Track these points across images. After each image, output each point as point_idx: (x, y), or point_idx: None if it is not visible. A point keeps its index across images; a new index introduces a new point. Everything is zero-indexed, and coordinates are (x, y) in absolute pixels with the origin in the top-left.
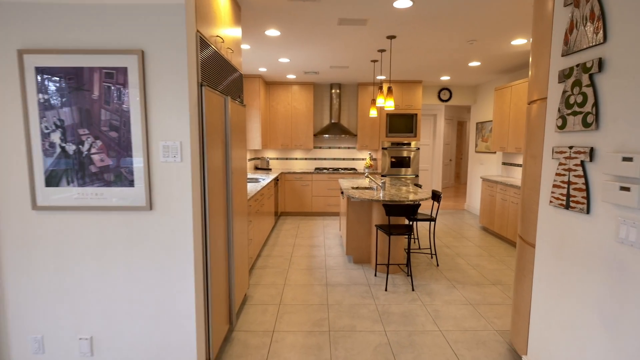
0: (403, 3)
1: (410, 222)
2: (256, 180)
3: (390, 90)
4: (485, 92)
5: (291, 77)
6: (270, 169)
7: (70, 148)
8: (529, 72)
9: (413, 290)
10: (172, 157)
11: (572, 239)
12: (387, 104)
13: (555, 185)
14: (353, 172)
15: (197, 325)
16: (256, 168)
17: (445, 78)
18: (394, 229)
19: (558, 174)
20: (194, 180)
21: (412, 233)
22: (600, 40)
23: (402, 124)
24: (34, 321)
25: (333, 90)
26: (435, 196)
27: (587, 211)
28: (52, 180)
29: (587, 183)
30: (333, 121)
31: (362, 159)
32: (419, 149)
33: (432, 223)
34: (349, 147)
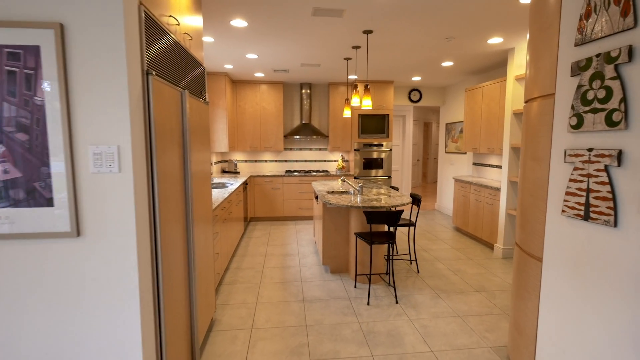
0: None
1: (391, 229)
2: (223, 186)
3: (367, 88)
4: (455, 93)
5: (260, 75)
6: (238, 172)
7: None
8: (498, 73)
9: (397, 302)
10: (107, 166)
11: (593, 254)
12: (364, 102)
13: (569, 193)
14: (325, 174)
15: None
16: (223, 171)
17: (416, 79)
18: (375, 237)
19: (573, 180)
20: (138, 193)
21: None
22: (630, 24)
23: (374, 124)
24: None
25: (303, 90)
26: (415, 200)
27: (615, 224)
28: None
29: (613, 191)
30: (304, 122)
31: (334, 161)
32: (391, 150)
33: (412, 228)
34: (320, 149)
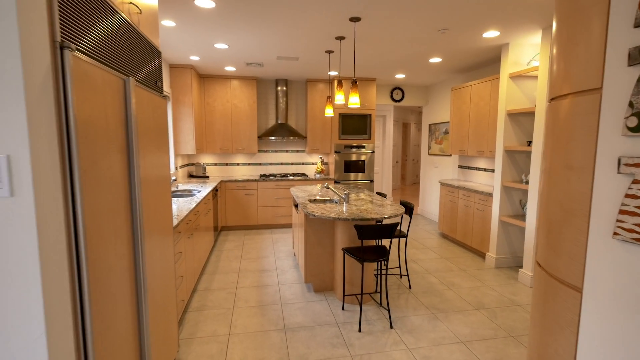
0: None
1: (381, 242)
2: (189, 193)
3: (355, 84)
4: (438, 93)
5: (230, 69)
6: (207, 177)
7: None
8: (486, 71)
9: (392, 327)
10: None
11: None
12: (352, 100)
13: (625, 212)
14: (303, 178)
15: None
16: (190, 176)
17: (400, 76)
18: (368, 254)
19: (632, 196)
20: (45, 223)
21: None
22: None
23: (356, 125)
24: None
25: (279, 87)
26: (407, 208)
27: None
28: None
29: None
30: (279, 122)
31: (313, 164)
32: (373, 152)
33: (403, 239)
34: (297, 151)
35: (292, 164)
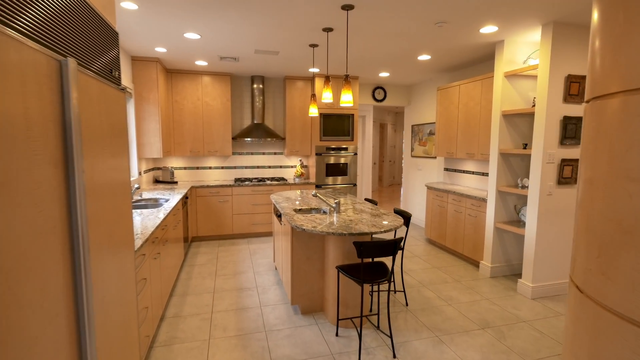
0: None
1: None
2: (156, 203)
3: (347, 80)
4: (421, 93)
5: (202, 64)
6: (176, 182)
7: None
8: (474, 70)
9: (395, 357)
10: None
11: None
12: (345, 98)
13: None
14: (282, 182)
15: None
16: (157, 181)
17: (384, 75)
18: (368, 273)
19: None
20: None
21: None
22: None
23: (338, 125)
24: None
25: (255, 85)
26: (405, 219)
27: None
28: None
29: None
30: (256, 122)
31: (292, 167)
32: (355, 154)
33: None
34: (275, 153)
35: (270, 167)
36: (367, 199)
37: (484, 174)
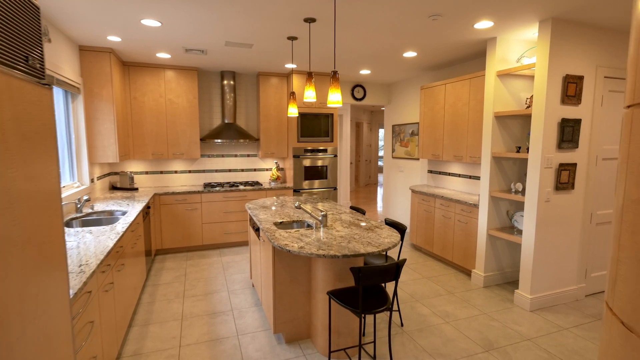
0: None
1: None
2: (110, 216)
3: (336, 77)
4: (402, 92)
5: (164, 56)
6: (136, 189)
7: None
8: (459, 69)
9: None
10: None
11: None
12: (333, 97)
13: None
14: (257, 187)
15: None
16: (114, 188)
17: (365, 72)
18: (368, 301)
19: None
20: None
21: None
22: None
23: (317, 126)
24: None
25: (225, 81)
26: (401, 231)
27: None
28: None
29: None
30: (227, 121)
31: (267, 170)
32: (336, 156)
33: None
34: (248, 155)
35: (243, 170)
36: (353, 207)
37: (471, 177)
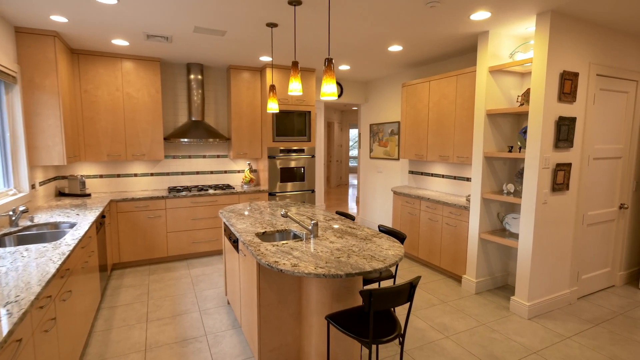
0: None
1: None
2: (56, 230)
3: (330, 66)
4: (380, 89)
5: (121, 43)
6: (88, 195)
7: None
8: (441, 67)
9: None
10: None
11: None
12: (327, 89)
13: None
14: (229, 191)
15: None
16: (61, 194)
17: (344, 68)
18: (379, 331)
19: None
20: None
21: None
22: None
23: (293, 124)
24: None
25: (192, 75)
26: (400, 239)
27: None
28: None
29: None
30: (194, 119)
31: (239, 172)
32: (313, 156)
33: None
34: (218, 156)
35: (212, 172)
36: (340, 213)
37: (456, 178)
